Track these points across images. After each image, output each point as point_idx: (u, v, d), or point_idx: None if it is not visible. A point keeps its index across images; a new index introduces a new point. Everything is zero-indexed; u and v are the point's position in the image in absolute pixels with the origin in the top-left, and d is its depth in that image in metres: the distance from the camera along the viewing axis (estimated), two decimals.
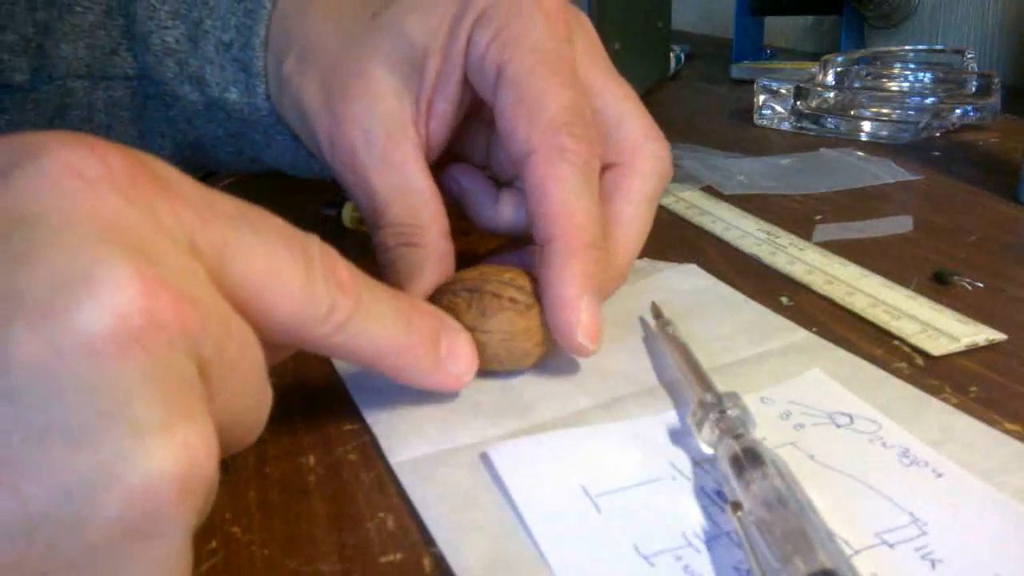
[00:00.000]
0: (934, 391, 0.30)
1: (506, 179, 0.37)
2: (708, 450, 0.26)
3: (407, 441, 0.28)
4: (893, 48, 0.79)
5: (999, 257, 0.42)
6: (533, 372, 0.32)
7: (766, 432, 0.27)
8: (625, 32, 0.71)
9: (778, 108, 0.70)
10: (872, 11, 0.93)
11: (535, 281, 0.30)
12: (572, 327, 0.28)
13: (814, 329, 0.35)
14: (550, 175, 0.29)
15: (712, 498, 0.25)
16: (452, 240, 0.33)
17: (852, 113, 0.67)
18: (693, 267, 0.41)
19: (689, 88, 0.91)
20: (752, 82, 0.73)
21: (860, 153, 0.61)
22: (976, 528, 0.23)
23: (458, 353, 0.27)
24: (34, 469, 0.14)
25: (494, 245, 0.45)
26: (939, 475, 0.25)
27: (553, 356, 0.31)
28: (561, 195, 0.29)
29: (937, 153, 0.60)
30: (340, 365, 0.32)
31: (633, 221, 0.34)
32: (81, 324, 0.14)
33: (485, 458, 0.26)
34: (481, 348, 0.29)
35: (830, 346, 0.33)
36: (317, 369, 0.32)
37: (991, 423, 0.28)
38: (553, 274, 0.29)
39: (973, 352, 0.33)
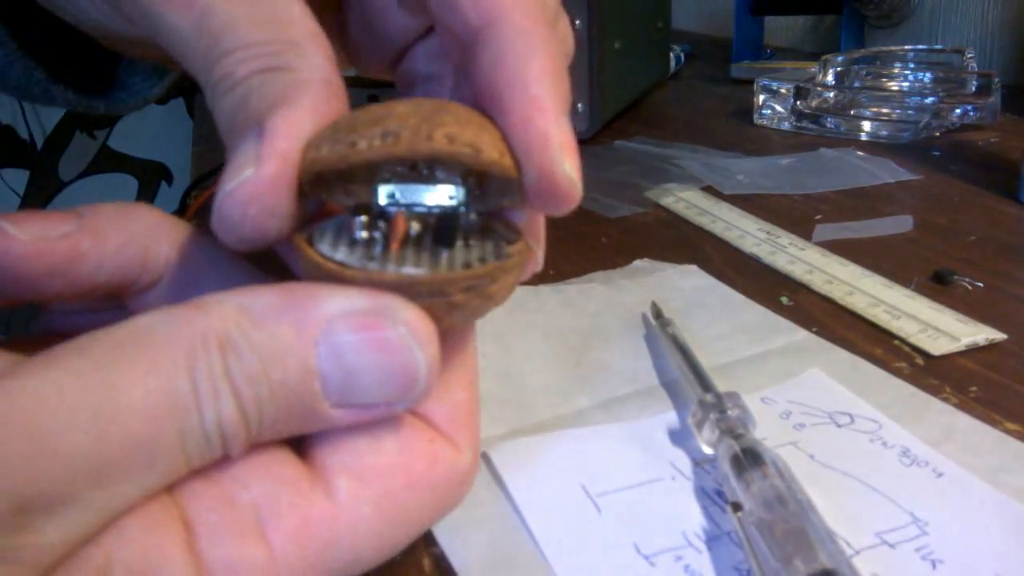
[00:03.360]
0: (934, 391, 0.30)
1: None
2: (708, 450, 0.26)
3: None
4: (893, 48, 0.79)
5: (999, 257, 0.42)
6: (533, 371, 0.32)
7: (766, 432, 0.27)
8: (625, 32, 0.71)
9: (778, 108, 0.70)
10: (872, 11, 0.92)
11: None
12: (547, 139, 0.18)
13: (814, 329, 0.35)
14: None
15: (712, 498, 0.25)
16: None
17: (852, 113, 0.67)
18: (693, 268, 0.41)
19: (689, 88, 0.91)
20: (752, 82, 0.73)
21: (860, 153, 0.61)
22: (977, 528, 0.23)
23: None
24: None
25: None
26: (939, 475, 0.25)
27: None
28: None
29: (937, 153, 0.60)
30: None
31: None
32: None
33: (485, 458, 0.26)
34: None
35: (830, 346, 0.33)
36: None
37: (991, 423, 0.28)
38: (508, 68, 0.19)
39: (973, 352, 0.33)
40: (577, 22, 0.63)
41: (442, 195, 0.19)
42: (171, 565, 0.16)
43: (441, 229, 0.18)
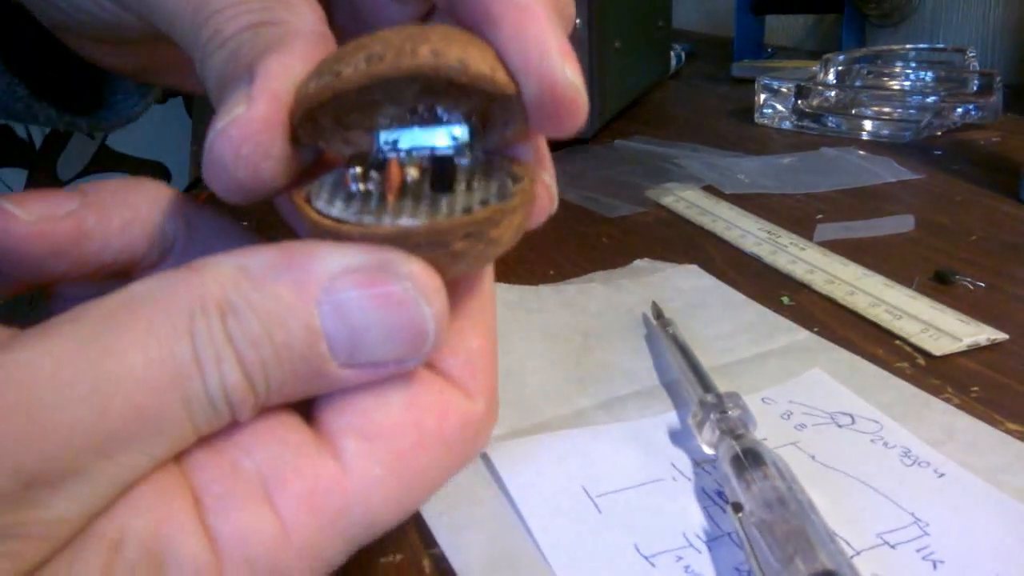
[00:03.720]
0: (936, 391, 0.30)
1: None
2: (709, 450, 0.26)
3: None
4: (894, 47, 0.79)
5: (1001, 256, 0.42)
6: (534, 371, 0.32)
7: (767, 432, 0.27)
8: (625, 31, 0.71)
9: (779, 107, 0.70)
10: (873, 9, 0.92)
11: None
12: (544, 46, 0.17)
13: (815, 329, 0.34)
14: None
15: (713, 499, 0.25)
16: None
17: (853, 112, 0.67)
18: (694, 268, 0.41)
19: (690, 87, 0.91)
20: (753, 81, 0.73)
21: (861, 152, 0.61)
22: (978, 528, 0.23)
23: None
24: None
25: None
26: (941, 475, 0.25)
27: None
28: None
29: (938, 152, 0.60)
30: None
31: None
32: None
33: (485, 458, 0.26)
34: None
35: (831, 346, 0.33)
36: None
37: (993, 423, 0.28)
38: None
39: (975, 352, 0.32)
40: (577, 21, 0.62)
41: (444, 136, 0.18)
42: (183, 536, 0.15)
43: (438, 174, 0.17)
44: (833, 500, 0.24)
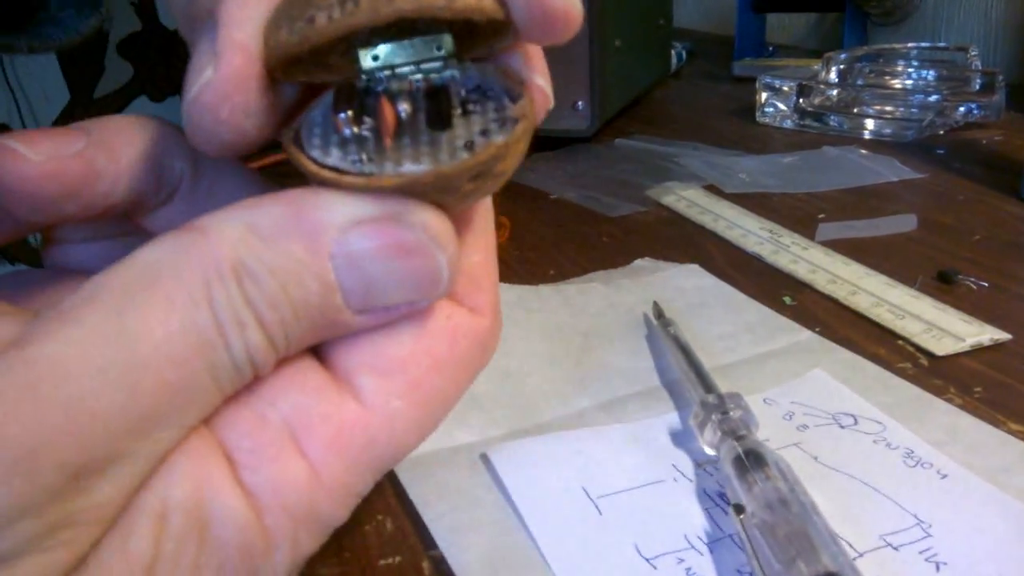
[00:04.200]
0: (938, 391, 0.29)
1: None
2: (710, 452, 0.26)
3: None
4: (896, 45, 0.78)
5: (1004, 256, 0.42)
6: (533, 372, 0.31)
7: (769, 433, 0.27)
8: (626, 29, 0.71)
9: (780, 106, 0.70)
10: (875, 8, 0.92)
11: None
12: None
13: (817, 329, 0.34)
14: None
15: (714, 500, 0.25)
16: None
17: (855, 111, 0.67)
18: (695, 267, 0.41)
19: (691, 86, 0.91)
20: (754, 79, 0.73)
21: (863, 151, 0.60)
22: (981, 530, 0.23)
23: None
24: None
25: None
26: (944, 476, 0.25)
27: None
28: None
29: (941, 151, 0.60)
30: None
31: None
32: None
33: (485, 459, 0.26)
34: None
35: (833, 346, 0.33)
36: None
37: (996, 424, 0.27)
38: None
39: (978, 352, 0.32)
40: None
41: (428, 48, 0.17)
42: (224, 496, 0.16)
43: (434, 111, 0.17)
44: (835, 501, 0.24)
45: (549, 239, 0.46)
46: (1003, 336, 0.33)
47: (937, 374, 0.31)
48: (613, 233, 0.47)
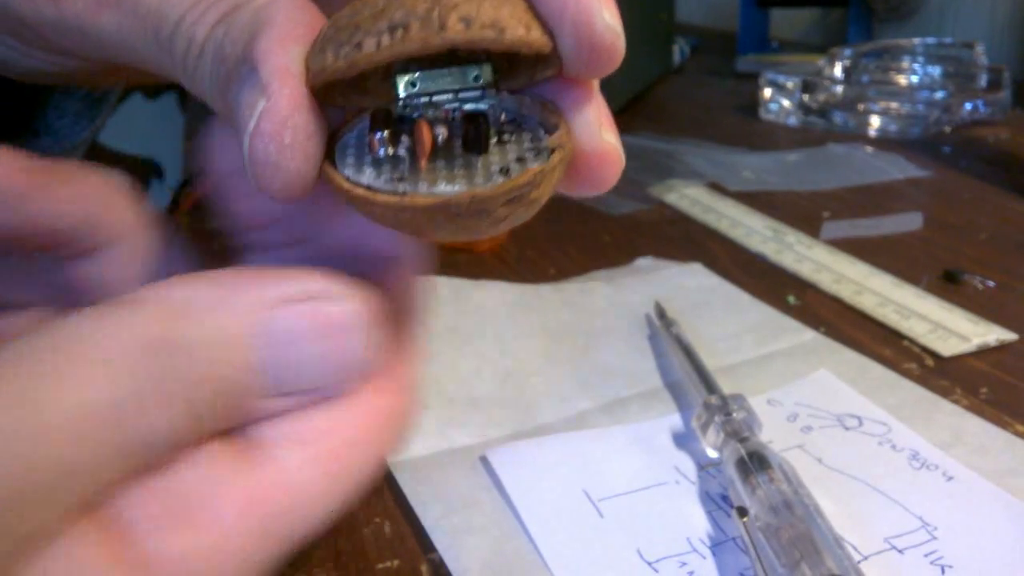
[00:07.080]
0: (944, 392, 0.29)
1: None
2: (713, 453, 0.26)
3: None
4: (902, 41, 0.78)
5: (1011, 255, 0.41)
6: (534, 373, 0.31)
7: (773, 435, 0.27)
8: (628, 25, 0.70)
9: (785, 102, 0.70)
10: (880, 3, 0.92)
11: None
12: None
13: (822, 329, 0.34)
14: None
15: (717, 503, 0.24)
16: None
17: (860, 107, 0.67)
18: (698, 266, 0.41)
19: (694, 82, 0.90)
20: (758, 76, 0.72)
21: (869, 148, 0.60)
22: (987, 533, 0.23)
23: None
24: None
25: (496, 243, 0.44)
26: (949, 479, 0.25)
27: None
28: None
29: (947, 148, 0.60)
30: None
31: None
32: None
33: (484, 461, 0.26)
34: None
35: (838, 346, 0.33)
36: None
37: (1002, 425, 0.27)
38: None
39: (984, 352, 0.32)
40: None
41: (466, 77, 0.17)
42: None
43: (472, 136, 0.16)
44: (840, 504, 0.24)
45: (549, 237, 0.45)
46: (1010, 336, 0.32)
47: (943, 375, 0.31)
48: (615, 231, 0.47)
